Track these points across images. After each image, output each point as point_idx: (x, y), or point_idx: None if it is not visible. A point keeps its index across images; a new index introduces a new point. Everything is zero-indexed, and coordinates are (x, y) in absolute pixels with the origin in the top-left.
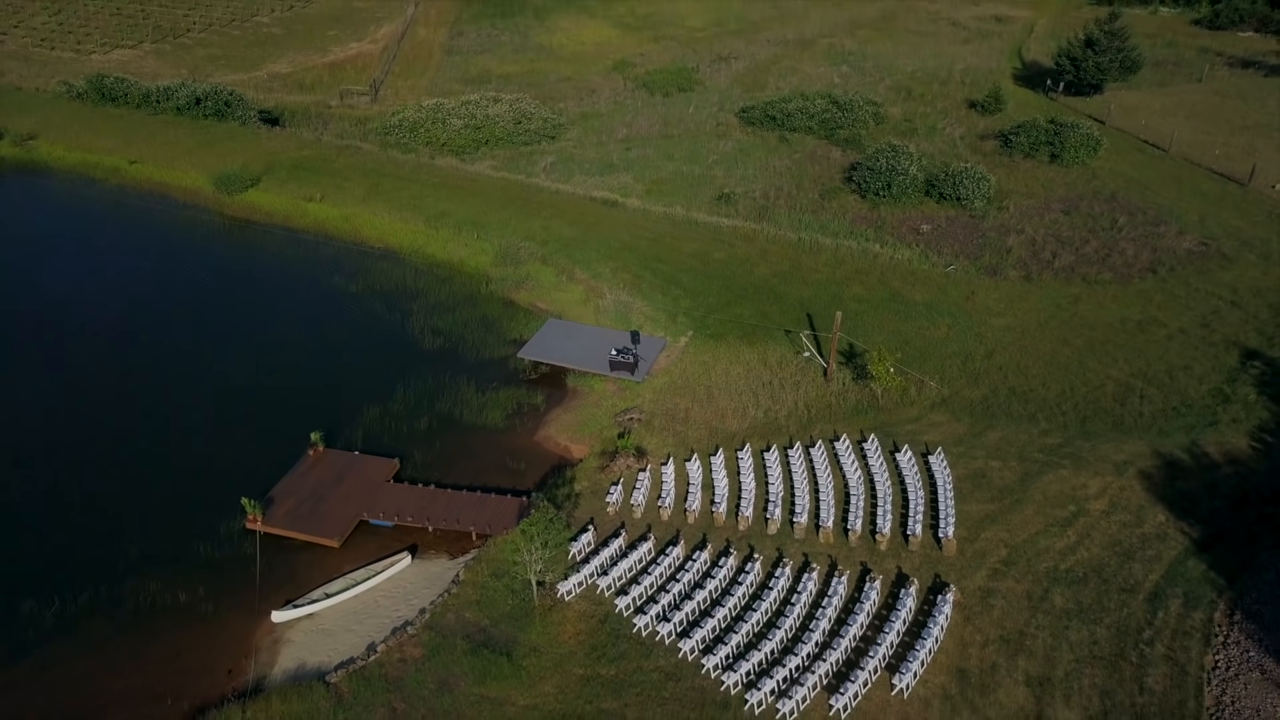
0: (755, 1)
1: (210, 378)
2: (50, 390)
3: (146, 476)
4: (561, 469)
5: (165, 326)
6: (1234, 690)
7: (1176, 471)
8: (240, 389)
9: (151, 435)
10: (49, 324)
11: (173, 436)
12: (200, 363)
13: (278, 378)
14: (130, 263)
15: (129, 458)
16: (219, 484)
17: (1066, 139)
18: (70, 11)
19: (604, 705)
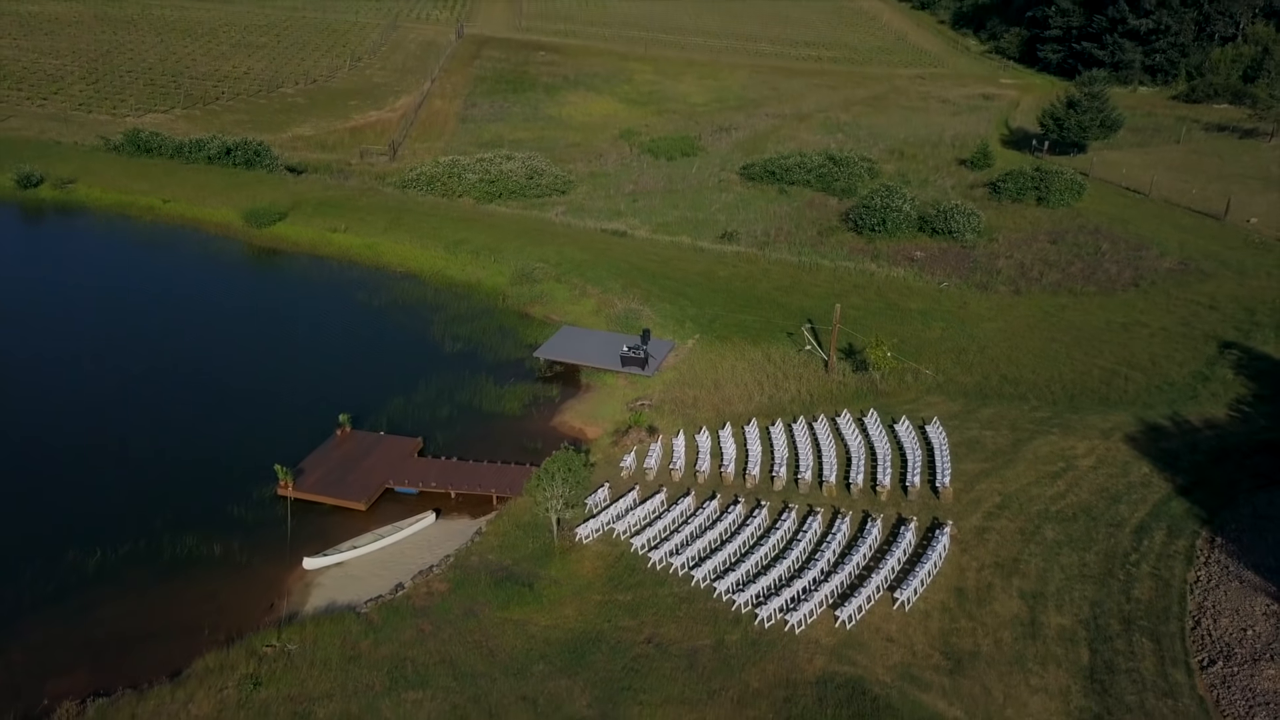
0: (753, 83)
1: (235, 370)
2: (105, 373)
3: (185, 453)
4: (576, 444)
5: (197, 329)
6: (1215, 597)
7: (1160, 435)
8: (267, 382)
9: (187, 417)
10: (101, 323)
11: (206, 418)
12: (228, 359)
13: (305, 372)
14: (165, 277)
15: (170, 435)
16: (250, 460)
17: (1051, 183)
18: (106, 81)
19: (621, 623)
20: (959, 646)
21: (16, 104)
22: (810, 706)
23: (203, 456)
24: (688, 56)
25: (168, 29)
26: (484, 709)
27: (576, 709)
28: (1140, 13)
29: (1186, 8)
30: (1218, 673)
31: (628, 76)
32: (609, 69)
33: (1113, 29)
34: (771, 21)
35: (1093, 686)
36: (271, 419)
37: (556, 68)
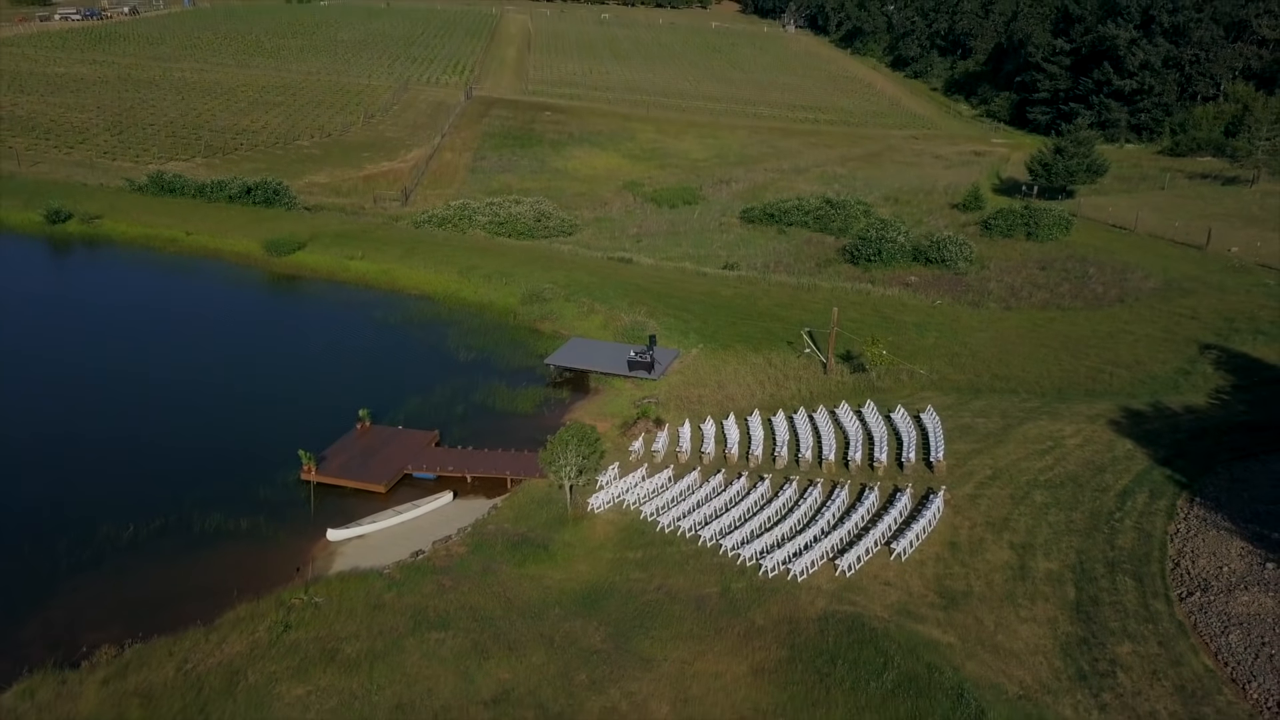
0: (752, 141)
1: (257, 376)
2: (140, 377)
3: (212, 446)
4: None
5: (222, 341)
6: (1193, 544)
7: (1143, 418)
8: (288, 386)
9: (213, 416)
10: (134, 336)
11: (231, 417)
12: (250, 366)
13: (325, 377)
14: (191, 298)
15: (198, 431)
16: (274, 452)
17: (1040, 219)
18: (130, 132)
19: (632, 576)
20: (952, 588)
21: (44, 152)
22: (813, 637)
23: (228, 449)
24: (688, 118)
25: (188, 89)
26: (503, 644)
27: (591, 643)
28: (1124, 74)
29: (1168, 69)
30: (1195, 601)
31: (631, 135)
32: (612, 128)
33: (1098, 90)
34: (769, 88)
35: (1079, 616)
36: (293, 418)
37: (562, 126)
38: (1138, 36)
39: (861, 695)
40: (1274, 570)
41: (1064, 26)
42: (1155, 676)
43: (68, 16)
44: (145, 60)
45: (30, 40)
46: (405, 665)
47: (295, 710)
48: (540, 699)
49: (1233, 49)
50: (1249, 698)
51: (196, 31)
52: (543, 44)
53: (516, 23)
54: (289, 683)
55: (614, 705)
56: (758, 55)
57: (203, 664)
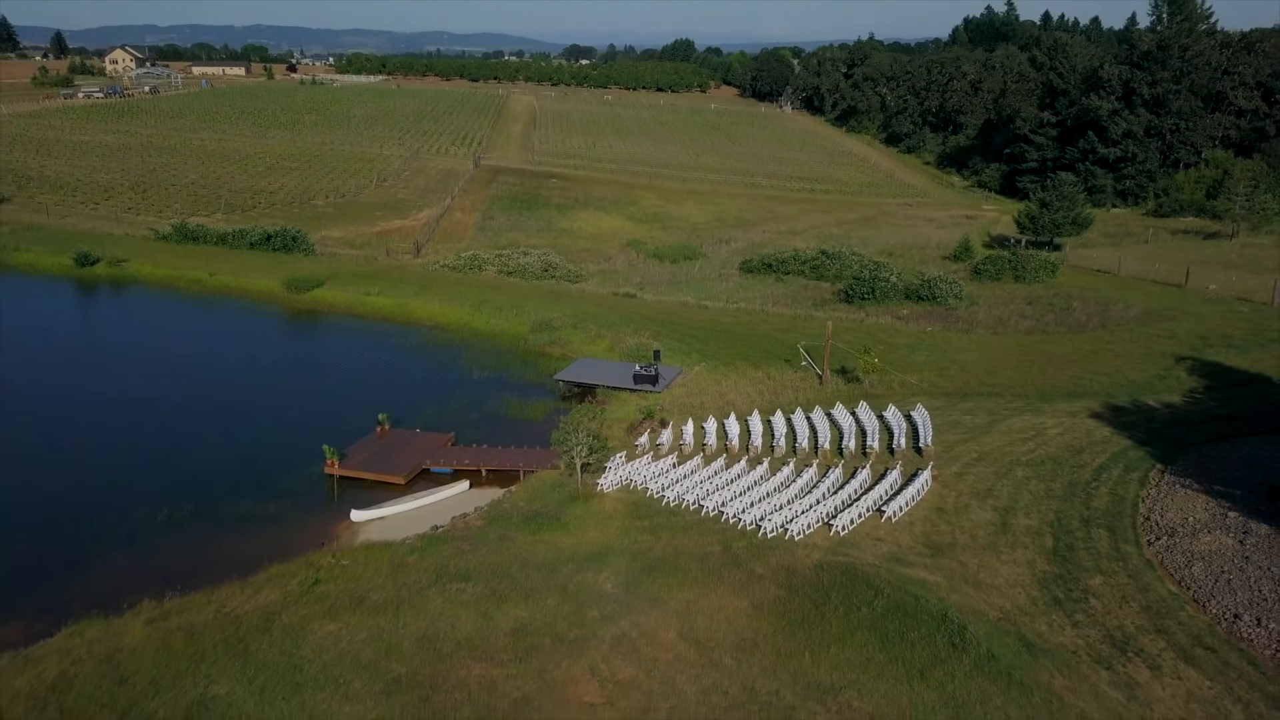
0: (751, 207)
1: (280, 393)
2: (178, 389)
3: (240, 447)
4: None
5: (246, 362)
6: (1162, 502)
7: (1121, 412)
8: (310, 400)
9: (241, 426)
10: (165, 358)
11: (257, 427)
12: (273, 383)
13: (345, 392)
14: (218, 328)
15: (227, 436)
16: (298, 453)
17: (1027, 263)
18: (153, 191)
19: (639, 539)
20: (939, 541)
21: (71, 207)
22: (809, 579)
23: (253, 453)
24: (689, 187)
25: (207, 155)
26: (520, 590)
27: (602, 589)
28: (1109, 143)
29: (1150, 138)
30: (1162, 544)
31: (633, 200)
32: (615, 194)
33: (1084, 158)
34: (766, 161)
35: (1055, 559)
36: (314, 427)
37: (567, 191)
38: (1120, 107)
39: (853, 618)
40: (1236, 517)
41: (1049, 100)
42: (1124, 600)
43: (91, 95)
44: (166, 130)
45: (56, 113)
46: (429, 608)
47: (328, 641)
48: (556, 630)
49: (1211, 119)
50: (1208, 613)
51: (215, 107)
52: (548, 121)
53: (522, 103)
54: (321, 621)
55: (624, 633)
56: (756, 132)
57: (240, 609)
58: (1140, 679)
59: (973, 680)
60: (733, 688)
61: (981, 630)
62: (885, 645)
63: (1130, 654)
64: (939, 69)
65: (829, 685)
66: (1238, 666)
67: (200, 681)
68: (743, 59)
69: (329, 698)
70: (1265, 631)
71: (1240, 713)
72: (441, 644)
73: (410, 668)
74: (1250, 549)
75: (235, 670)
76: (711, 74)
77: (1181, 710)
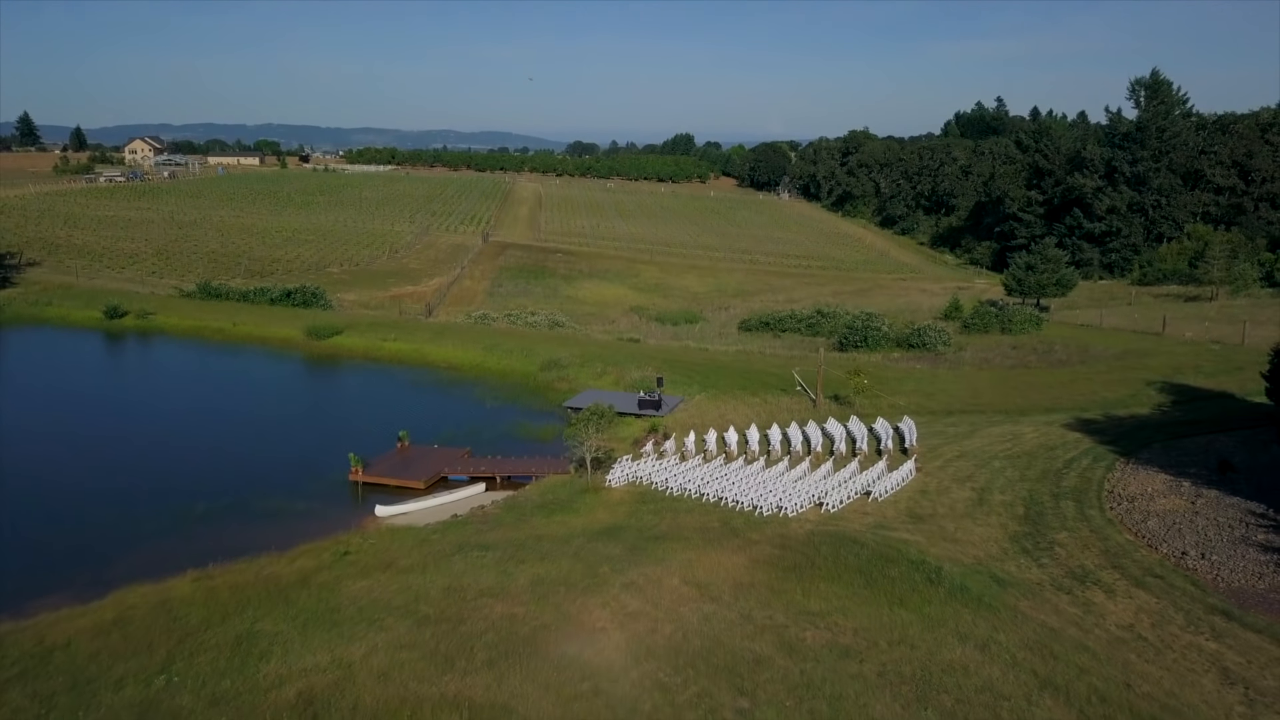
0: (749, 279)
1: (301, 420)
2: (210, 416)
3: (269, 461)
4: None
5: (271, 396)
6: (1125, 480)
7: (1093, 422)
8: (331, 426)
9: (264, 444)
10: (196, 389)
11: (280, 446)
12: (294, 413)
13: (364, 419)
14: (245, 367)
15: (254, 453)
16: (323, 464)
17: (1014, 317)
18: (175, 258)
19: (645, 519)
20: (920, 512)
21: (98, 270)
22: (800, 542)
23: (281, 465)
24: (689, 262)
25: (226, 229)
26: (536, 555)
27: (611, 553)
28: (1094, 218)
29: (1134, 213)
30: (1123, 508)
31: (636, 273)
32: (618, 267)
33: (1071, 234)
34: (764, 241)
35: (1026, 522)
36: (336, 447)
37: (572, 264)
38: (1103, 185)
39: (840, 565)
40: (1189, 486)
41: (1036, 180)
42: (1085, 547)
43: (113, 179)
44: (186, 208)
45: (79, 193)
46: (453, 568)
47: (361, 593)
48: (570, 580)
49: (1191, 196)
50: (1159, 552)
51: (231, 189)
52: (553, 205)
53: (528, 189)
54: (354, 580)
55: (632, 580)
56: (754, 216)
57: (278, 572)
58: (1096, 600)
59: (946, 605)
60: (730, 615)
61: (956, 570)
62: (869, 583)
63: (1089, 584)
64: (930, 155)
65: (818, 611)
66: (1182, 588)
67: (247, 620)
68: (741, 151)
69: (365, 630)
70: (1209, 563)
71: (1181, 618)
72: (465, 593)
73: (438, 609)
74: (1200, 507)
75: (278, 613)
76: (711, 166)
77: (1131, 618)
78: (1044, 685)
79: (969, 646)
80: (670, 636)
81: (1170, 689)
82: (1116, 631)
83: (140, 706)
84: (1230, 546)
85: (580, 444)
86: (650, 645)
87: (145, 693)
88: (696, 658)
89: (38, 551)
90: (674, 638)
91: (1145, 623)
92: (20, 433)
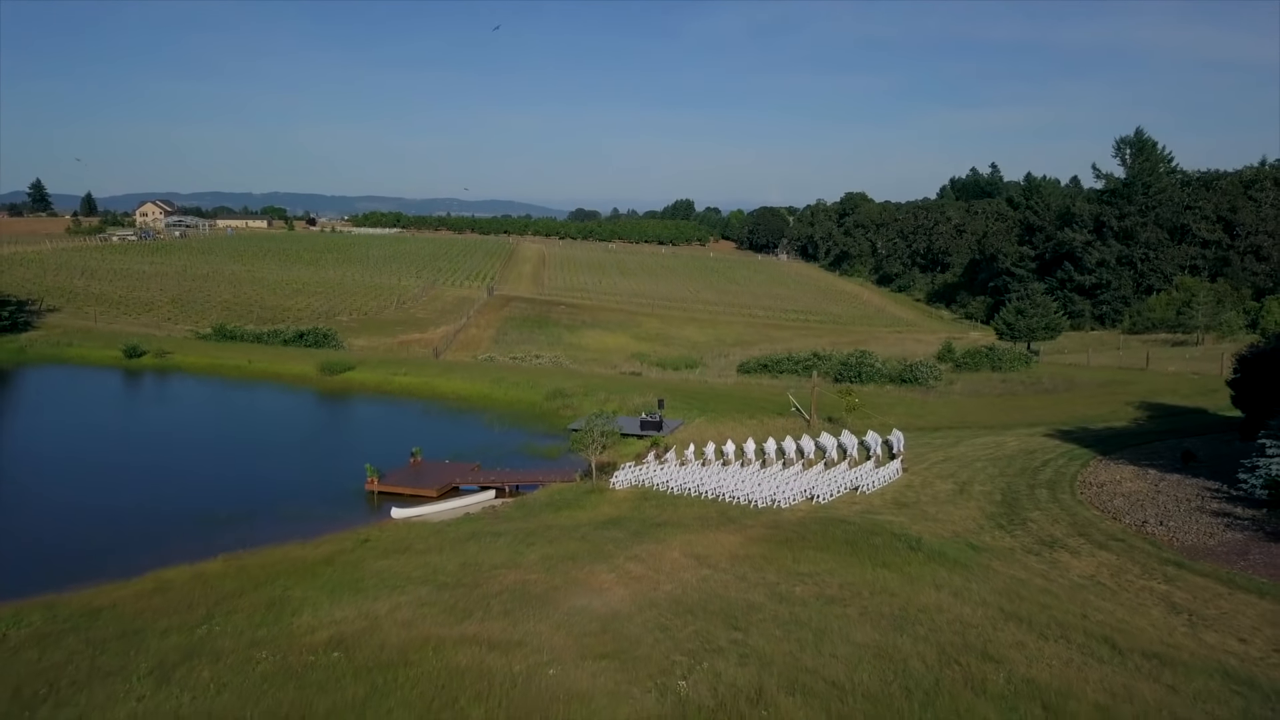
0: (748, 331)
1: (315, 442)
2: (232, 440)
3: (286, 477)
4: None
5: (288, 422)
6: (1096, 474)
7: (1071, 433)
8: (344, 448)
9: (284, 459)
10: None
11: (298, 460)
12: (310, 435)
13: (378, 436)
14: (263, 398)
15: (273, 469)
16: (340, 478)
17: (1004, 356)
18: (190, 306)
19: (647, 512)
20: (905, 501)
21: (115, 317)
22: (792, 525)
23: (299, 478)
24: (689, 315)
25: (238, 281)
26: (546, 539)
27: (615, 537)
28: (1084, 271)
29: (1123, 266)
30: (1092, 492)
31: (637, 324)
32: (620, 319)
33: (1063, 286)
34: (763, 297)
35: (1002, 505)
36: (350, 465)
37: (575, 315)
38: (1092, 239)
39: (828, 538)
40: (1154, 474)
41: (1028, 236)
42: (1055, 522)
43: (125, 238)
44: (197, 263)
45: (94, 249)
46: (467, 551)
47: (383, 568)
48: (577, 556)
49: (1179, 249)
50: (1122, 523)
51: (241, 247)
52: (556, 263)
53: (532, 249)
54: (375, 560)
55: (635, 553)
56: (752, 275)
57: (304, 555)
58: (1062, 559)
59: (925, 565)
60: (726, 577)
61: (935, 540)
62: (854, 551)
63: (1057, 548)
64: (925, 214)
65: (807, 572)
66: (1140, 548)
67: (278, 588)
68: (740, 216)
69: (388, 593)
70: (1166, 529)
71: (1137, 569)
72: (480, 567)
73: (455, 578)
74: (1162, 488)
75: (306, 583)
76: (710, 229)
77: (1092, 570)
78: (1009, 617)
79: (944, 593)
80: (670, 592)
81: (1123, 618)
82: (1078, 580)
83: (185, 649)
84: (1186, 515)
85: (585, 447)
86: (652, 598)
87: (189, 638)
88: (695, 606)
89: (70, 555)
90: (674, 593)
91: (1105, 573)
92: (47, 461)
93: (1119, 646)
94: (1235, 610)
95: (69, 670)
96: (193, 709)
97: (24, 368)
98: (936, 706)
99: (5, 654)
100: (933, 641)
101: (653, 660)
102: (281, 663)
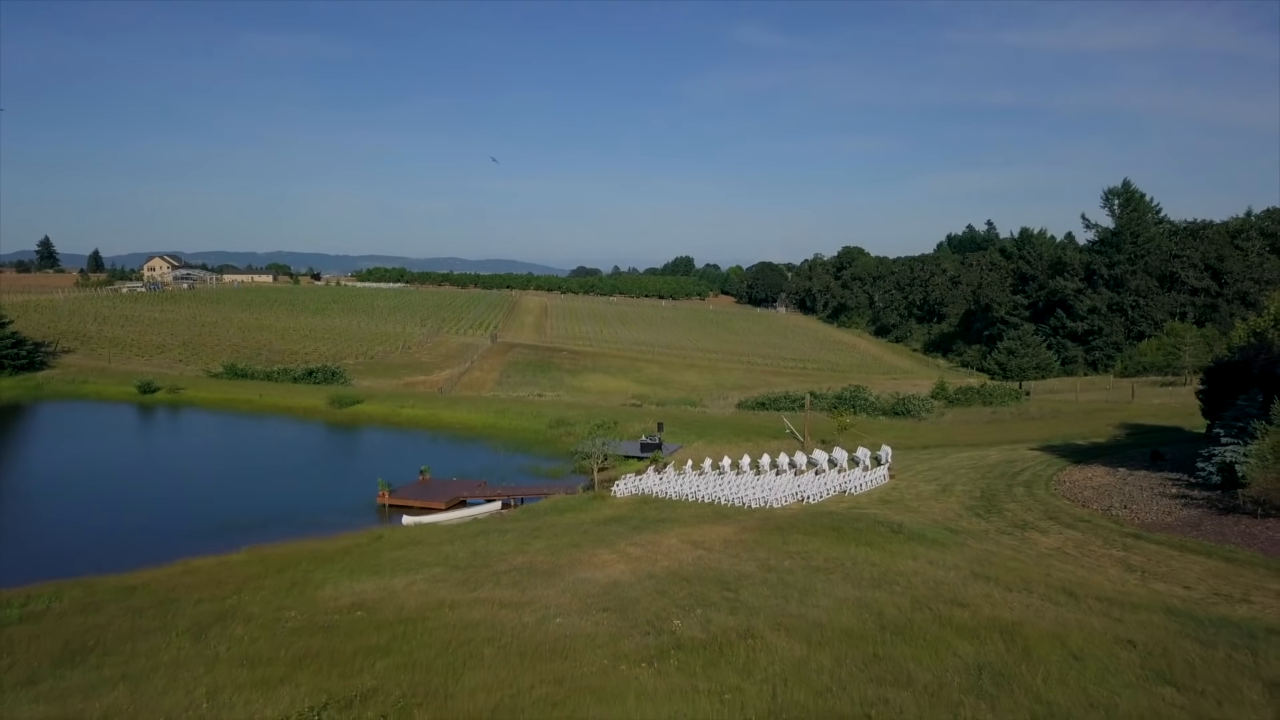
0: (746, 377)
1: (326, 460)
2: (243, 465)
3: (301, 491)
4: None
5: (301, 448)
6: (1070, 474)
7: (1054, 447)
8: (355, 471)
9: (298, 479)
10: (234, 448)
11: (311, 479)
12: (319, 456)
13: (388, 458)
14: (276, 427)
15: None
16: (351, 494)
17: (995, 392)
18: (200, 349)
19: (646, 512)
20: (890, 499)
21: (128, 358)
22: (785, 520)
23: (312, 494)
24: (689, 361)
25: (246, 327)
26: (551, 534)
27: (616, 531)
28: (1076, 318)
29: (1114, 313)
30: (1065, 487)
31: (638, 369)
32: (621, 365)
33: (1055, 333)
34: (761, 346)
35: (981, 500)
36: (361, 484)
37: (577, 360)
38: (1083, 287)
39: (816, 525)
40: (1124, 471)
41: (1021, 285)
42: (1028, 510)
43: (134, 289)
44: (206, 311)
45: (104, 298)
46: (476, 543)
47: (398, 556)
48: (580, 544)
49: (1168, 297)
50: (1087, 508)
51: (248, 297)
52: (558, 314)
53: (534, 301)
54: (390, 551)
55: (635, 541)
56: (751, 325)
57: (323, 548)
58: (1032, 537)
59: (905, 544)
60: (719, 556)
61: (915, 526)
62: (840, 535)
63: (1028, 530)
64: (921, 267)
65: (795, 551)
66: (1104, 526)
67: (300, 571)
68: (739, 271)
69: (405, 573)
70: (1129, 512)
71: (1099, 541)
72: (489, 555)
73: (466, 562)
74: (1130, 481)
75: (326, 567)
76: (710, 284)
77: (1058, 544)
78: (979, 577)
79: (920, 562)
80: (668, 567)
81: (1082, 576)
82: (1045, 552)
83: (218, 613)
84: (1149, 500)
85: (586, 457)
86: (651, 571)
87: (220, 606)
88: (690, 576)
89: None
90: (671, 567)
91: (1069, 546)
92: (71, 485)
93: (1075, 594)
94: (1184, 567)
95: (112, 629)
96: (229, 654)
97: (42, 403)
98: (907, 636)
99: (50, 620)
100: (908, 595)
101: (651, 611)
102: (309, 620)
